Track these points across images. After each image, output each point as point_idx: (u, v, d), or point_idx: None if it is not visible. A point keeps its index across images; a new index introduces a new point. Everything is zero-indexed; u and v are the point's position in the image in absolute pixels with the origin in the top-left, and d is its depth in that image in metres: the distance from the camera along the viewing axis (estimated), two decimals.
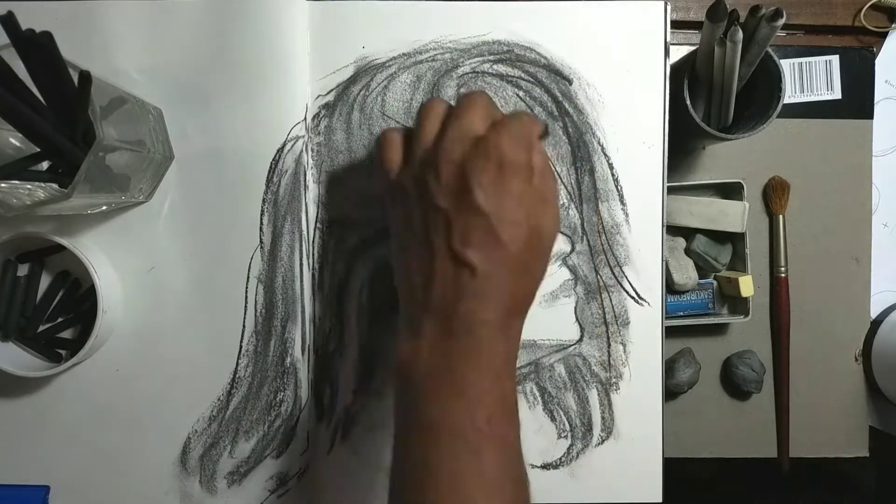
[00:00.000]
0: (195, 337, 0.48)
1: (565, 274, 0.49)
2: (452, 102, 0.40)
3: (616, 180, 0.49)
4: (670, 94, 0.49)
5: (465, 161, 0.35)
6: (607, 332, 0.50)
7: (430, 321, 0.36)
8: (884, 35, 0.61)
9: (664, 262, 0.50)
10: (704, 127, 0.49)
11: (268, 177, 0.48)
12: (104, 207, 0.46)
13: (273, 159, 0.47)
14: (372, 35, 0.48)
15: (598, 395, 0.50)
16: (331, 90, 0.48)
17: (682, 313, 0.59)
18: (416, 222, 0.37)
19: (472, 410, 0.34)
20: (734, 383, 0.60)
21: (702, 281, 0.59)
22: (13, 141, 0.42)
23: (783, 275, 0.60)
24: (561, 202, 0.49)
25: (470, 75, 0.48)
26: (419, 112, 0.40)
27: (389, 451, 0.49)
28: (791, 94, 0.60)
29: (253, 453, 0.48)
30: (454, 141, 0.36)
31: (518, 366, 0.49)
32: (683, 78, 0.50)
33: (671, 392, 0.59)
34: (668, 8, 0.49)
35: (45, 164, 0.41)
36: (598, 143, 0.49)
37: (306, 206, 0.48)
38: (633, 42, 0.49)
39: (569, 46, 0.49)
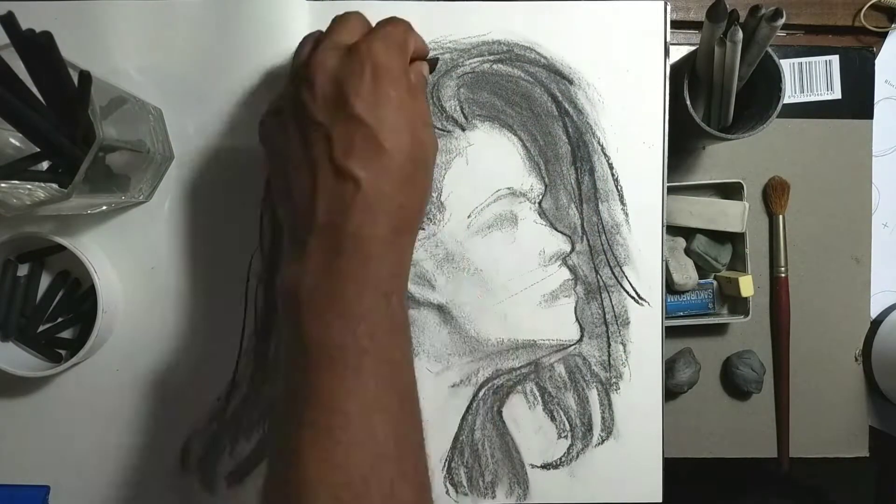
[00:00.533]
0: (195, 337, 0.48)
1: (565, 274, 0.49)
2: None
3: (616, 180, 0.49)
4: (670, 94, 0.49)
5: (339, 70, 0.35)
6: (607, 332, 0.50)
7: (316, 240, 0.34)
8: (884, 35, 0.61)
9: (664, 262, 0.50)
10: (704, 127, 0.49)
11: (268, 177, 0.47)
12: (104, 207, 0.46)
13: None
14: None
15: (598, 394, 0.50)
16: None
17: (682, 313, 0.59)
18: (294, 140, 0.36)
19: (354, 328, 0.33)
20: (734, 383, 0.60)
21: (702, 281, 0.59)
22: (13, 141, 0.42)
23: (783, 275, 0.60)
24: (560, 202, 0.49)
25: (470, 75, 0.48)
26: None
27: None
28: (791, 94, 0.60)
29: (253, 453, 0.48)
30: (326, 51, 0.36)
31: (518, 366, 0.49)
32: (683, 78, 0.50)
33: (671, 392, 0.59)
34: (668, 8, 0.49)
35: (45, 164, 0.41)
36: (598, 143, 0.49)
37: None
38: (633, 42, 0.49)
39: (569, 46, 0.49)
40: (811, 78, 0.60)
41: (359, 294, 0.34)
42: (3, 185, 0.38)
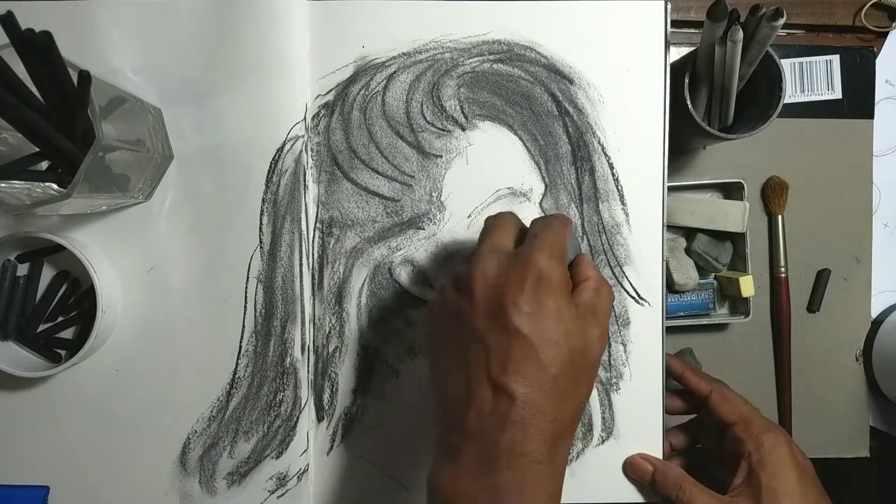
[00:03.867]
0: (195, 337, 0.48)
1: None
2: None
3: (616, 180, 0.49)
4: (670, 94, 0.49)
5: (499, 279, 0.34)
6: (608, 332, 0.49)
7: (470, 449, 0.34)
8: (884, 34, 0.61)
9: (665, 262, 0.49)
10: (705, 127, 0.49)
11: (267, 176, 0.47)
12: (104, 207, 0.46)
13: (273, 159, 0.47)
14: (372, 35, 0.48)
15: (599, 395, 0.50)
16: (330, 90, 0.48)
17: (682, 313, 0.59)
18: (453, 341, 0.36)
19: None
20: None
21: (702, 281, 0.59)
22: (12, 141, 0.42)
23: (783, 275, 0.60)
24: (561, 201, 0.49)
25: (470, 74, 0.48)
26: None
27: (389, 451, 0.49)
28: (791, 94, 0.60)
29: (253, 453, 0.48)
30: (487, 257, 0.36)
31: None
32: (684, 78, 0.50)
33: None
34: (669, 7, 0.49)
35: (45, 164, 0.41)
36: (599, 142, 0.49)
37: (306, 205, 0.48)
38: (633, 41, 0.49)
39: (569, 46, 0.48)
40: (812, 78, 0.60)
41: None
42: (2, 185, 0.38)
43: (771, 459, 0.44)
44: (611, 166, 0.49)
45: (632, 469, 0.49)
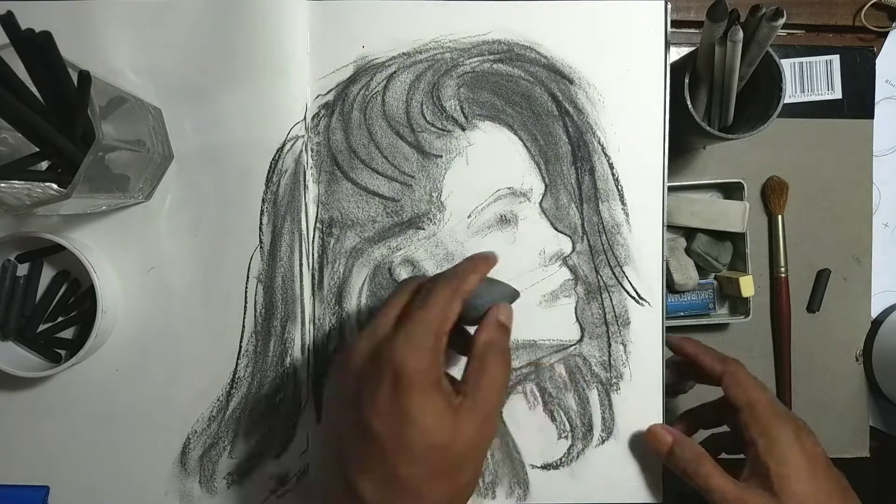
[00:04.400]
0: (195, 337, 0.48)
1: (565, 274, 0.49)
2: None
3: (616, 180, 0.49)
4: (670, 94, 0.49)
5: (361, 372, 0.32)
6: (608, 332, 0.49)
7: None
8: (884, 34, 0.61)
9: (665, 262, 0.49)
10: (705, 127, 0.49)
11: (267, 177, 0.48)
12: (104, 207, 0.46)
13: (273, 159, 0.47)
14: (372, 35, 0.48)
15: (599, 395, 0.50)
16: (330, 90, 0.48)
17: (682, 313, 0.59)
18: (323, 438, 0.34)
19: None
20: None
21: (702, 281, 0.59)
22: (11, 141, 0.42)
23: (783, 275, 0.60)
24: (561, 201, 0.49)
25: (470, 74, 0.48)
26: None
27: None
28: (791, 94, 0.60)
29: (253, 453, 0.48)
30: (359, 344, 0.33)
31: (518, 366, 0.49)
32: (684, 77, 0.50)
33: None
34: (669, 7, 0.49)
35: (44, 164, 0.41)
36: (599, 142, 0.49)
37: (306, 206, 0.48)
38: (633, 41, 0.49)
39: (569, 46, 0.49)
40: (812, 78, 0.60)
41: None
42: (2, 185, 0.38)
43: (778, 447, 0.42)
44: (611, 166, 0.49)
45: (650, 438, 0.47)
